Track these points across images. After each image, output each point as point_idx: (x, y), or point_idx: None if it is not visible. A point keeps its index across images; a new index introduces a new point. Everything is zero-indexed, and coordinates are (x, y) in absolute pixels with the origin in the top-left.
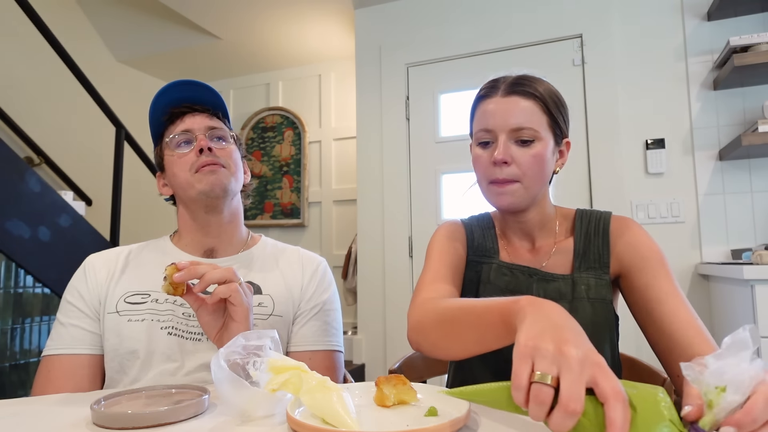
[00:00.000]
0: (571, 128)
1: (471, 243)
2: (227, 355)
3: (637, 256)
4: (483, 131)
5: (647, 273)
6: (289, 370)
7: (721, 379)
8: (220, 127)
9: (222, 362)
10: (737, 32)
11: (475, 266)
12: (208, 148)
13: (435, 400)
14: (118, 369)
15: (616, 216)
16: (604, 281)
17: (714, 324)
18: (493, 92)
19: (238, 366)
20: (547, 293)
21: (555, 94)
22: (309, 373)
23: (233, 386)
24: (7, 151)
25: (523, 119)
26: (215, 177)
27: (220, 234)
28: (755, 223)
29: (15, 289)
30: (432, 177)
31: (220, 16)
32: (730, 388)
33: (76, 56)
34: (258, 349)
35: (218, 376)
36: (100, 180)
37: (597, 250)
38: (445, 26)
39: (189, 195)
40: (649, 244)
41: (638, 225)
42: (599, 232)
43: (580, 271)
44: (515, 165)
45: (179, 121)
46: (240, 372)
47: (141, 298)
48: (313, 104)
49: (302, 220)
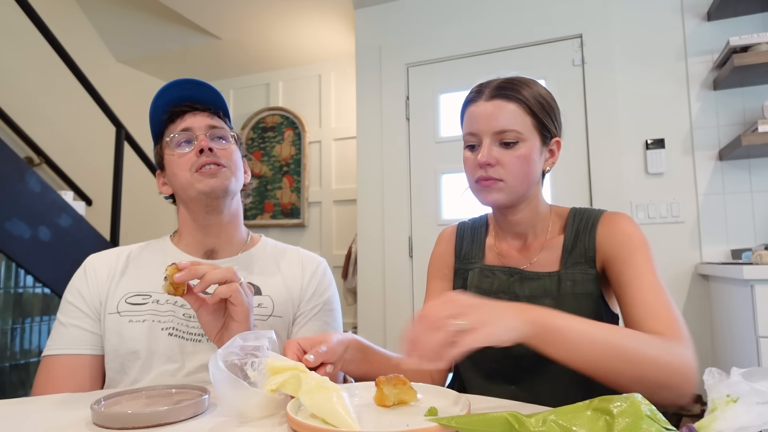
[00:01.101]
0: (571, 128)
1: (458, 252)
2: (225, 355)
3: (616, 244)
4: (469, 135)
5: (621, 260)
6: (287, 371)
7: (735, 391)
8: (221, 127)
9: (220, 363)
10: (737, 32)
11: (462, 273)
12: (208, 149)
13: (435, 400)
14: (118, 369)
15: (609, 212)
16: (590, 275)
17: (714, 324)
18: (478, 97)
19: (236, 367)
20: (531, 291)
21: (541, 96)
22: (308, 373)
23: (232, 387)
24: (7, 151)
25: (505, 122)
26: (215, 178)
27: (220, 234)
28: (755, 223)
29: (15, 289)
30: (432, 177)
31: (220, 16)
32: (742, 403)
33: (76, 56)
34: (256, 349)
35: (216, 377)
36: (100, 180)
37: (584, 245)
38: (445, 26)
39: (189, 195)
40: (630, 233)
41: (627, 218)
42: (588, 228)
43: (567, 267)
44: (500, 166)
45: (179, 120)
46: (238, 373)
47: (142, 299)
48: (313, 104)
49: (302, 220)
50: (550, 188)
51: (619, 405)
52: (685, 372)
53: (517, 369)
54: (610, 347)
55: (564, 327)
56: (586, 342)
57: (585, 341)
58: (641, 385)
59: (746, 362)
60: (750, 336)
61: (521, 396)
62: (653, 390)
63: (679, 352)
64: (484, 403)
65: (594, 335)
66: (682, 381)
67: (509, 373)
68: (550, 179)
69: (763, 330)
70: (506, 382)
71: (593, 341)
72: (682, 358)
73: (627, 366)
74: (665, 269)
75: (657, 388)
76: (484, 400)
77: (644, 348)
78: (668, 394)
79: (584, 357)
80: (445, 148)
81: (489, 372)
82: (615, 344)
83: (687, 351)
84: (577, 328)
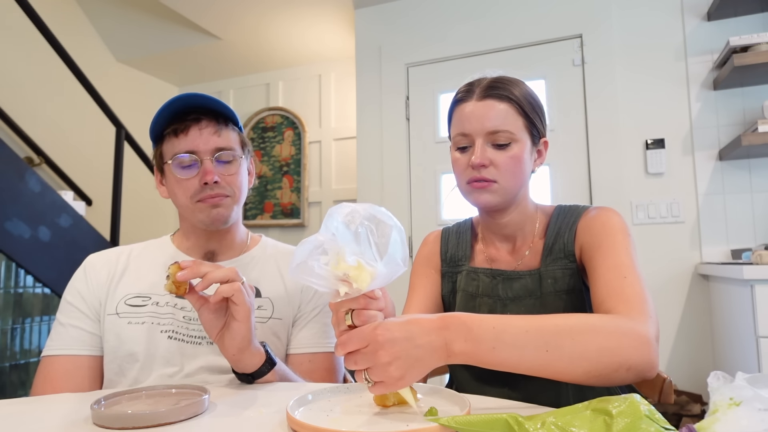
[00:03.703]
0: (571, 128)
1: (444, 256)
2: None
3: (590, 233)
4: (460, 135)
5: (593, 246)
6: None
7: (739, 395)
8: (228, 147)
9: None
10: (737, 32)
11: (451, 277)
12: (214, 181)
13: (435, 400)
14: (117, 371)
15: (593, 207)
16: (571, 270)
17: (714, 324)
18: (468, 96)
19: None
20: (514, 292)
21: (531, 96)
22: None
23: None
24: (7, 151)
25: (498, 122)
26: (217, 209)
27: (220, 240)
28: (755, 223)
29: (15, 289)
30: (432, 177)
31: (220, 16)
32: (744, 408)
33: (76, 56)
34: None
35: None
36: (100, 180)
37: (563, 240)
38: (445, 26)
39: (187, 217)
40: (605, 221)
41: (609, 210)
42: (569, 224)
43: (547, 264)
44: (493, 167)
45: (183, 134)
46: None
47: (142, 300)
48: (313, 104)
49: (302, 220)
50: (550, 188)
51: (618, 405)
52: (636, 346)
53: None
54: (547, 348)
55: (493, 346)
56: (521, 350)
57: (519, 350)
58: (595, 374)
59: (746, 362)
60: (750, 336)
61: (515, 397)
62: (609, 375)
63: (626, 328)
64: (484, 403)
65: (527, 340)
66: (637, 356)
67: (501, 375)
68: (550, 179)
69: (763, 330)
70: (499, 384)
71: (528, 347)
72: (630, 332)
73: (570, 362)
74: (665, 269)
75: (612, 372)
76: (484, 401)
77: (587, 336)
78: (625, 373)
79: (525, 366)
80: (445, 148)
81: (481, 373)
82: (553, 343)
83: (640, 325)
84: (508, 339)
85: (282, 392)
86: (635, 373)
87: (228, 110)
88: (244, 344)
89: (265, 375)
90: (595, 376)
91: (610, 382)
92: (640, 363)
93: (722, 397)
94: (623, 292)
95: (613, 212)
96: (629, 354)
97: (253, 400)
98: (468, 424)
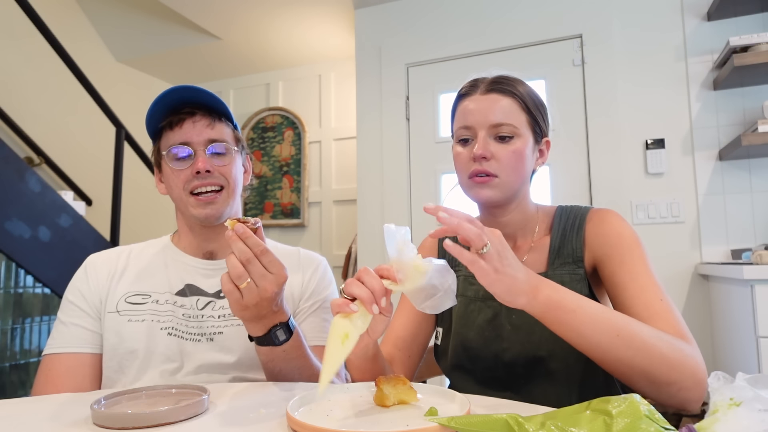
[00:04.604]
0: (571, 128)
1: (441, 258)
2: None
3: (606, 244)
4: (463, 128)
5: (614, 260)
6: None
7: (739, 395)
8: (221, 139)
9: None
10: (737, 32)
11: None
12: (206, 170)
13: (435, 400)
14: (116, 369)
15: (595, 209)
16: (579, 275)
17: (714, 324)
18: (473, 90)
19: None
20: None
21: (534, 94)
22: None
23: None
24: (7, 151)
25: (502, 116)
26: (211, 206)
27: (219, 239)
28: (755, 223)
29: (15, 289)
30: (432, 177)
31: (220, 16)
32: (744, 408)
33: (76, 56)
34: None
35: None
36: (100, 180)
37: (571, 245)
38: (445, 26)
39: (183, 211)
40: (619, 231)
41: (615, 214)
42: (575, 227)
43: (555, 268)
44: (494, 160)
45: (178, 127)
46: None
47: (142, 298)
48: (313, 104)
49: (302, 220)
50: (550, 188)
51: (618, 405)
52: (694, 373)
53: (511, 375)
54: (618, 333)
55: (574, 308)
56: (595, 324)
57: (594, 323)
58: (648, 379)
59: (746, 362)
60: (750, 336)
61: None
62: (660, 387)
63: (689, 352)
64: (484, 403)
65: (603, 318)
66: (692, 382)
67: (503, 379)
68: (550, 179)
69: (763, 330)
70: (501, 389)
71: (602, 324)
72: (692, 358)
73: (635, 355)
74: (665, 269)
75: (664, 385)
76: (484, 400)
77: (655, 340)
78: (675, 392)
79: (591, 340)
80: (445, 148)
81: (482, 379)
82: (625, 331)
83: (696, 352)
84: (588, 310)
85: (282, 392)
86: (683, 398)
87: (222, 105)
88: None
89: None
90: (650, 381)
91: (657, 393)
92: (692, 388)
93: (722, 397)
94: (671, 317)
95: (621, 219)
96: (686, 375)
97: (253, 399)
98: (468, 424)
